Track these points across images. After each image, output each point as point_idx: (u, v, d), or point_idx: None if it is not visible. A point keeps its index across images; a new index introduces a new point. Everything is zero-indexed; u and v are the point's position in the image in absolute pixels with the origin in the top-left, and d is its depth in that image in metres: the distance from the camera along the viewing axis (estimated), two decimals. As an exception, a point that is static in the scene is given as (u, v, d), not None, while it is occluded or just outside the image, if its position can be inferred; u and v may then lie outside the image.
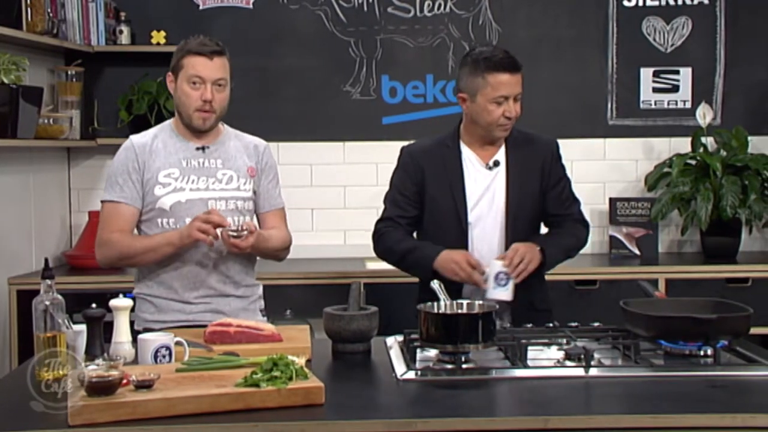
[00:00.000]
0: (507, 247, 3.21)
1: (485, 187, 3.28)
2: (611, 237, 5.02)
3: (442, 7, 5.08)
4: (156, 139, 3.23)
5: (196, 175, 3.20)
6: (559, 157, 3.44)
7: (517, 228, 3.26)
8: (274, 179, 3.39)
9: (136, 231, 3.26)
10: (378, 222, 3.41)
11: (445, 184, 3.28)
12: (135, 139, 3.26)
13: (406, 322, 2.94)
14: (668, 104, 5.14)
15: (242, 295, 3.28)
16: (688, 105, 5.12)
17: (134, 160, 3.17)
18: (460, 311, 2.77)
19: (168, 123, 3.32)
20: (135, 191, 3.16)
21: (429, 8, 5.08)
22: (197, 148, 3.23)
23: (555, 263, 3.32)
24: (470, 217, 3.26)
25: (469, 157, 3.31)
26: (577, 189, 5.08)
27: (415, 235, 3.41)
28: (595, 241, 5.14)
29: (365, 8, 5.07)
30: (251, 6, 5.06)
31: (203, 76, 3.14)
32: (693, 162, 4.93)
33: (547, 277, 4.28)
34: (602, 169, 5.16)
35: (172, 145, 3.22)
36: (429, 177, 3.30)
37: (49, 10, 4.50)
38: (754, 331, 4.30)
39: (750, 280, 4.55)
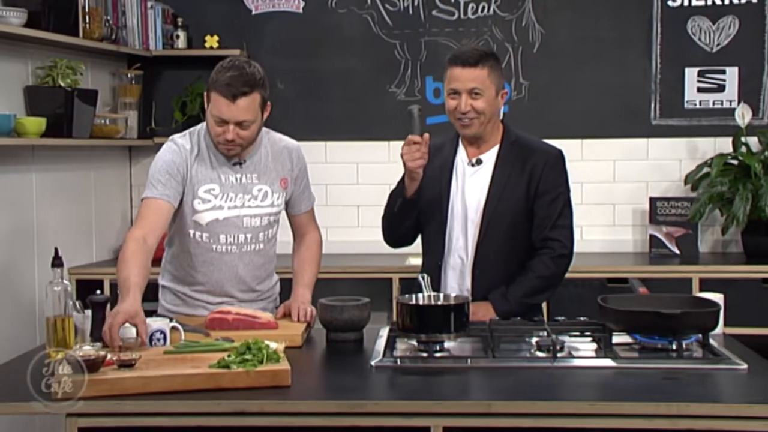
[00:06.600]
0: (477, 246, 3.26)
1: (463, 182, 3.30)
2: (651, 236, 5.03)
3: (486, 10, 5.18)
4: (198, 148, 3.20)
5: (234, 192, 3.20)
6: (558, 169, 3.32)
7: (490, 230, 3.24)
8: (306, 180, 3.40)
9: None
10: None
11: (432, 177, 3.30)
12: (180, 142, 3.21)
13: None
14: (713, 104, 5.12)
15: (259, 298, 3.37)
16: (734, 105, 5.07)
17: (182, 165, 3.15)
18: (433, 303, 2.89)
19: (205, 131, 3.23)
20: (175, 190, 3.12)
21: (473, 10, 5.19)
22: (234, 163, 3.21)
23: (510, 313, 3.17)
24: (449, 211, 3.30)
25: (460, 153, 3.36)
26: (618, 188, 5.17)
27: None
28: (636, 240, 5.19)
29: (410, 11, 5.22)
30: (301, 11, 5.26)
31: (225, 119, 3.07)
32: (735, 162, 4.91)
33: (579, 275, 4.38)
34: (644, 169, 5.17)
35: (212, 157, 3.19)
36: (427, 170, 3.30)
37: (108, 18, 4.79)
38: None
39: (786, 281, 4.53)
